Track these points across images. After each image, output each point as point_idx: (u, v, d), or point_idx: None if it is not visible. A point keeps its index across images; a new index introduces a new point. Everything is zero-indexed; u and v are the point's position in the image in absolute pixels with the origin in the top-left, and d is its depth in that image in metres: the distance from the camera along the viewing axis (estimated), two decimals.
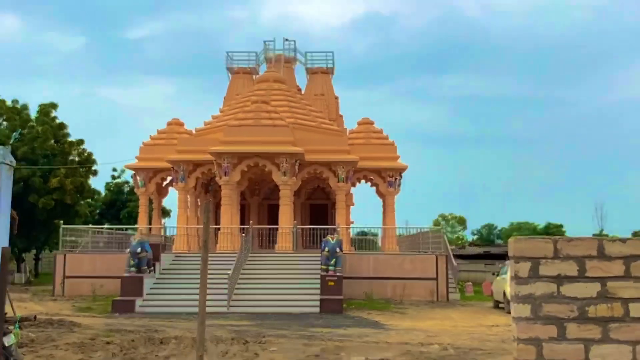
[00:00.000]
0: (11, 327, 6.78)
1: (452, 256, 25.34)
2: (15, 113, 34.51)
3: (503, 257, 35.24)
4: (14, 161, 12.88)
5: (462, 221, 78.80)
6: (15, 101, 35.30)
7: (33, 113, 34.97)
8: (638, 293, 6.07)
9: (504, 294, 19.16)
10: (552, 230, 66.42)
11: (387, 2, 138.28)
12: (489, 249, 41.19)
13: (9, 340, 6.72)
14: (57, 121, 34.80)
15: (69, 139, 35.03)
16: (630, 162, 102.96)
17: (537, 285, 6.12)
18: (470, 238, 79.16)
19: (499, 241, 75.91)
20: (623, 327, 6.00)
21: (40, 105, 34.67)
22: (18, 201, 27.91)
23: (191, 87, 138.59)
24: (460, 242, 67.62)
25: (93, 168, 36.04)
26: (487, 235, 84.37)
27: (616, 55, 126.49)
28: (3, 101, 34.81)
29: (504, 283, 19.08)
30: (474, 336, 13.33)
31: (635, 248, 6.05)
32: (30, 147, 32.33)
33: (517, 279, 6.18)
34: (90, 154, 36.09)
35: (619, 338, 6.04)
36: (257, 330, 13.87)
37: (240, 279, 20.26)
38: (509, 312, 16.17)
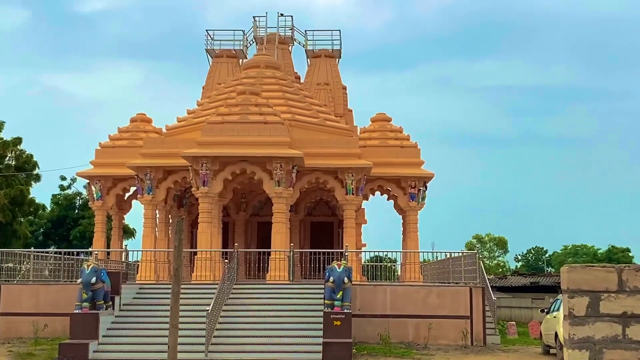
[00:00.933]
0: None
1: (490, 288, 25.22)
2: None
3: (554, 289, 35.21)
4: None
5: (502, 244, 78.59)
6: None
7: None
8: None
9: (556, 336, 19.07)
10: (617, 256, 66.32)
11: None
12: (537, 279, 41.11)
13: None
14: None
15: (3, 139, 35.12)
16: None
17: (597, 327, 6.10)
18: (513, 265, 79.11)
19: (550, 269, 75.61)
20: None
21: None
22: None
23: (161, 74, 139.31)
24: (500, 270, 67.54)
25: (34, 173, 36.08)
26: (535, 262, 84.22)
27: None
28: None
29: (556, 323, 19.00)
30: None
31: None
32: None
33: (572, 317, 6.17)
34: (30, 157, 36.16)
35: None
36: None
37: (222, 316, 20.19)
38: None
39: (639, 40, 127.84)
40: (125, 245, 33.95)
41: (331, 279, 19.72)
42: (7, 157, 34.82)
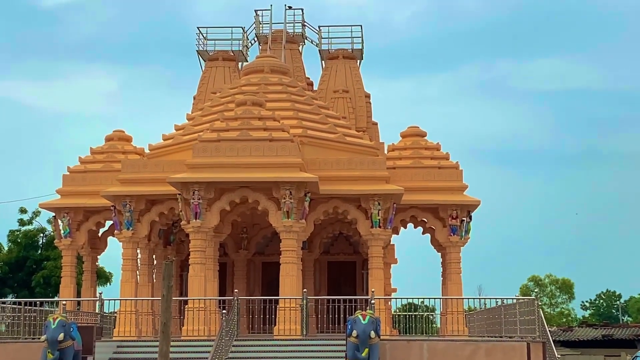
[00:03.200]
0: None
1: (552, 343, 25.02)
2: None
3: (633, 344, 34.87)
4: None
5: (567, 287, 78.19)
6: None
7: None
8: None
9: None
10: None
11: None
12: (611, 331, 40.83)
13: None
14: None
15: None
16: None
17: None
18: (580, 314, 78.57)
19: (626, 319, 75.02)
20: None
21: None
22: None
23: (143, 82, 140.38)
24: (565, 320, 67.15)
25: None
26: (607, 310, 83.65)
27: None
28: None
29: None
30: None
31: None
32: None
33: None
34: None
35: None
36: None
37: None
38: None
39: None
40: (100, 293, 33.72)
41: (354, 332, 19.67)
42: None
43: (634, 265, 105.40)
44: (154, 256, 30.61)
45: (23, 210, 47.11)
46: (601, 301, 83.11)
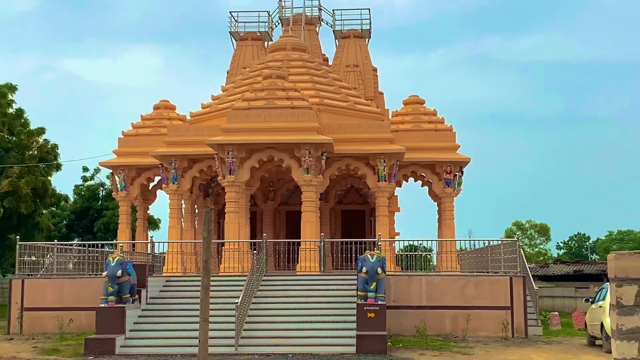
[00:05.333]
0: None
1: (531, 277, 25.10)
2: None
3: (599, 278, 34.91)
4: None
5: (544, 231, 78.03)
6: None
7: None
8: None
9: (602, 327, 18.95)
10: None
11: None
12: (581, 267, 40.74)
13: None
14: (14, 107, 35.28)
15: (28, 128, 35.47)
16: None
17: None
18: (555, 253, 78.53)
19: (594, 257, 75.01)
20: None
21: None
22: None
23: (183, 58, 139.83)
24: (542, 258, 67.10)
25: (55, 162, 36.44)
26: (578, 250, 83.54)
27: None
28: None
29: (602, 313, 18.88)
30: None
31: None
32: None
33: (620, 307, 6.13)
34: (54, 147, 36.52)
35: None
36: None
37: (251, 309, 20.35)
38: (608, 351, 16.03)
39: None
40: (151, 237, 34.13)
41: (364, 269, 19.75)
42: (31, 149, 35.15)
43: (601, 212, 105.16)
44: (195, 206, 30.78)
45: (85, 169, 47.41)
46: (573, 242, 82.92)
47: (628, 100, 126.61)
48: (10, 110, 34.99)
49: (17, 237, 27.16)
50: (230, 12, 35.94)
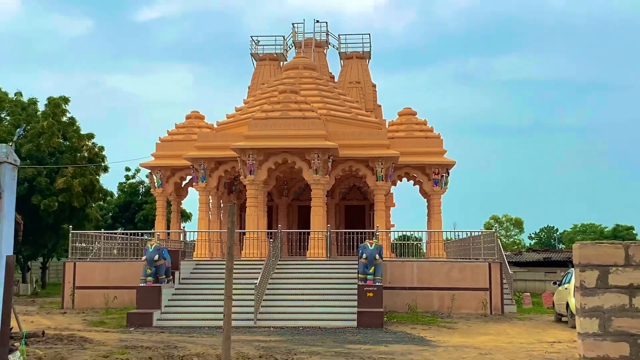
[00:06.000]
0: (17, 344, 6.94)
1: (507, 263, 25.03)
2: (20, 107, 35.11)
3: (565, 264, 34.75)
4: (18, 160, 13.16)
5: (518, 224, 77.79)
6: (18, 94, 35.99)
7: (41, 107, 35.51)
8: None
9: (567, 306, 18.90)
10: (622, 234, 65.19)
11: None
12: (550, 255, 40.59)
13: (14, 358, 6.88)
14: (68, 116, 35.34)
15: (81, 134, 35.55)
16: None
17: (606, 297, 6.03)
18: (527, 243, 78.20)
19: (561, 246, 74.67)
20: None
21: (49, 99, 35.08)
22: (23, 204, 28.55)
23: (211, 76, 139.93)
24: (516, 247, 66.85)
25: (103, 164, 36.52)
26: (547, 240, 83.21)
27: None
28: (5, 94, 35.42)
29: (567, 294, 18.81)
30: (532, 354, 13.17)
31: None
32: (35, 144, 32.87)
33: (583, 289, 6.10)
34: (101, 149, 36.61)
35: None
36: (287, 347, 13.93)
37: (268, 289, 20.36)
38: (573, 327, 15.95)
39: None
40: (183, 227, 34.29)
41: (364, 255, 19.73)
42: (81, 151, 35.24)
43: (567, 208, 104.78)
44: (220, 201, 30.77)
45: (128, 169, 47.43)
46: (543, 233, 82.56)
47: (589, 112, 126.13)
48: (64, 119, 35.04)
49: (70, 226, 27.25)
50: (251, 37, 36.02)
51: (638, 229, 66.95)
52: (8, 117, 34.90)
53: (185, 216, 45.14)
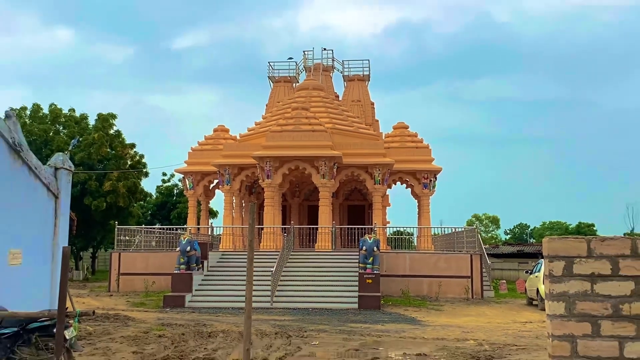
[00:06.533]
0: (71, 321, 6.96)
1: (485, 255, 24.95)
2: (74, 121, 35.43)
3: (536, 255, 34.64)
4: (73, 166, 13.25)
5: (495, 221, 77.39)
6: (72, 110, 36.28)
7: (92, 122, 35.81)
8: None
9: (538, 291, 18.83)
10: (584, 230, 64.84)
11: (418, 9, 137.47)
12: (522, 247, 40.48)
13: (69, 333, 6.90)
14: (114, 129, 35.56)
15: (125, 144, 35.77)
16: None
17: (571, 284, 5.99)
18: (503, 237, 77.85)
19: (532, 240, 74.42)
20: None
21: (98, 115, 35.42)
22: (76, 203, 28.68)
23: (235, 95, 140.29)
24: (493, 241, 66.56)
25: (144, 170, 36.67)
26: (520, 235, 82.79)
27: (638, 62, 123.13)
28: (61, 110, 35.77)
29: (538, 281, 18.75)
30: (508, 332, 13.12)
31: None
32: (86, 153, 33.13)
33: (551, 277, 6.07)
34: (141, 157, 36.80)
35: None
36: (299, 325, 13.93)
37: (282, 276, 20.37)
38: (542, 309, 15.87)
39: (608, 59, 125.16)
40: (211, 223, 34.32)
41: (364, 248, 19.74)
42: (125, 159, 35.44)
43: (538, 207, 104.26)
44: (242, 201, 30.84)
45: (164, 174, 47.49)
46: (517, 229, 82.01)
47: (554, 126, 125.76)
48: (111, 131, 35.21)
49: (116, 222, 27.36)
50: (268, 62, 36.26)
51: (598, 225, 66.62)
52: (64, 130, 35.15)
53: (212, 214, 45.18)
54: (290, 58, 35.98)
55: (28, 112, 35.33)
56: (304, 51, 36.07)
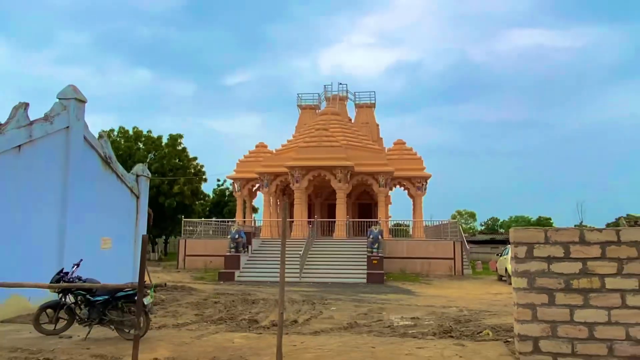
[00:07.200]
0: (149, 291, 7.04)
1: (465, 242, 24.66)
2: (150, 140, 35.91)
3: (505, 242, 34.11)
4: (150, 174, 13.43)
5: (472, 215, 76.41)
6: (149, 131, 36.78)
7: (165, 140, 36.28)
8: (612, 270, 5.79)
9: (506, 270, 18.53)
10: (543, 222, 63.63)
11: (413, 52, 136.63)
12: (494, 236, 39.88)
13: (147, 300, 6.98)
14: (181, 146, 35.99)
15: (189, 157, 36.17)
16: (605, 169, 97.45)
17: (532, 264, 5.93)
18: (479, 228, 76.78)
19: (501, 230, 73.35)
20: (600, 296, 5.74)
21: (170, 135, 35.86)
22: (152, 202, 29.07)
23: (272, 119, 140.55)
24: (471, 231, 65.67)
25: (204, 177, 37.03)
26: (492, 226, 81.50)
27: (591, 86, 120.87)
28: (141, 131, 36.32)
29: (506, 262, 18.45)
30: (482, 301, 12.93)
31: (609, 236, 5.78)
32: (160, 164, 33.55)
33: (516, 259, 6.00)
34: (202, 167, 37.14)
35: (597, 304, 5.77)
36: (321, 295, 13.89)
37: (308, 257, 20.36)
38: (509, 284, 15.62)
39: (563, 88, 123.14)
40: (254, 217, 34.41)
41: (371, 236, 19.66)
42: (189, 168, 35.88)
43: (506, 205, 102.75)
44: (277, 200, 30.88)
45: (219, 180, 47.82)
46: (489, 222, 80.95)
47: (522, 142, 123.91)
48: (179, 147, 35.64)
49: (182, 216, 27.62)
50: (297, 94, 36.54)
51: (554, 219, 65.25)
52: (143, 147, 35.66)
53: (254, 210, 45.29)
54: (340, 84, 35.83)
55: (116, 133, 35.92)
56: (324, 85, 36.33)
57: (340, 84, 35.87)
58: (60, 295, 7.38)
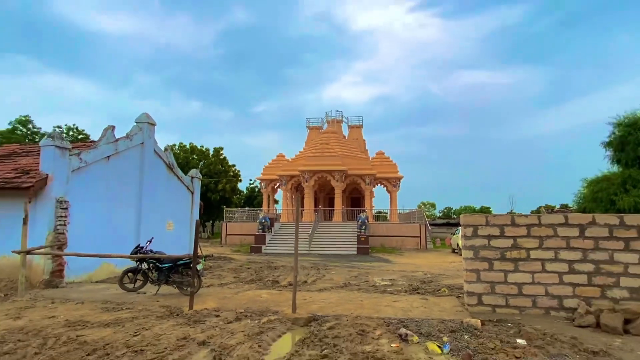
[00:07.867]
0: (200, 260, 7.07)
1: (428, 224, 24.56)
2: (201, 152, 36.05)
3: (457, 224, 33.91)
4: (201, 176, 13.47)
5: (433, 205, 75.94)
6: (201, 146, 36.91)
7: (211, 151, 36.38)
8: (535, 245, 5.77)
9: (458, 244, 18.42)
10: (484, 210, 63.21)
11: (388, 88, 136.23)
12: (449, 220, 39.64)
13: (200, 267, 7.02)
14: (223, 156, 36.05)
15: (229, 164, 36.21)
16: (530, 171, 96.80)
17: (476, 240, 5.92)
18: (438, 214, 76.34)
19: (454, 216, 72.92)
20: (526, 263, 5.72)
21: (215, 148, 35.98)
22: (203, 197, 29.17)
23: (288, 137, 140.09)
24: (432, 217, 65.27)
25: (239, 178, 37.08)
26: (448, 213, 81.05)
27: (520, 111, 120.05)
28: (195, 146, 36.46)
29: (458, 238, 18.34)
30: (441, 267, 12.88)
31: (532, 220, 5.76)
32: (208, 169, 33.63)
33: (465, 237, 5.98)
34: (238, 171, 37.18)
35: (524, 269, 5.75)
36: (324, 262, 13.88)
37: (314, 236, 20.31)
38: (460, 255, 15.48)
39: (498, 112, 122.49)
40: (275, 207, 34.38)
41: (360, 220, 19.60)
42: (230, 172, 35.96)
43: (457, 197, 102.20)
44: (292, 195, 30.80)
45: (250, 180, 47.76)
46: (445, 210, 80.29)
47: (469, 154, 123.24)
48: (221, 157, 35.71)
49: (224, 207, 27.61)
50: (306, 118, 36.22)
51: (493, 207, 64.75)
52: (196, 157, 35.78)
53: (276, 202, 45.24)
54: (337, 111, 35.57)
55: (177, 147, 36.02)
56: (325, 112, 36.16)
57: (337, 110, 35.77)
58: (138, 263, 7.44)
